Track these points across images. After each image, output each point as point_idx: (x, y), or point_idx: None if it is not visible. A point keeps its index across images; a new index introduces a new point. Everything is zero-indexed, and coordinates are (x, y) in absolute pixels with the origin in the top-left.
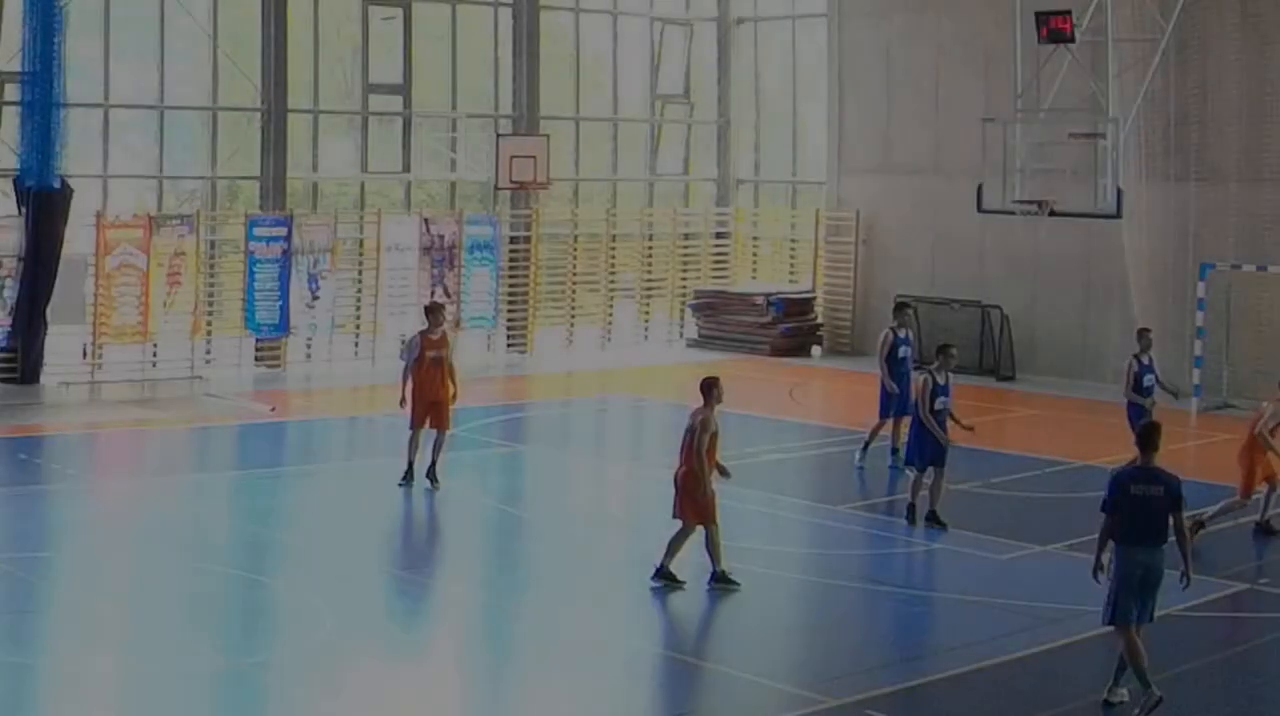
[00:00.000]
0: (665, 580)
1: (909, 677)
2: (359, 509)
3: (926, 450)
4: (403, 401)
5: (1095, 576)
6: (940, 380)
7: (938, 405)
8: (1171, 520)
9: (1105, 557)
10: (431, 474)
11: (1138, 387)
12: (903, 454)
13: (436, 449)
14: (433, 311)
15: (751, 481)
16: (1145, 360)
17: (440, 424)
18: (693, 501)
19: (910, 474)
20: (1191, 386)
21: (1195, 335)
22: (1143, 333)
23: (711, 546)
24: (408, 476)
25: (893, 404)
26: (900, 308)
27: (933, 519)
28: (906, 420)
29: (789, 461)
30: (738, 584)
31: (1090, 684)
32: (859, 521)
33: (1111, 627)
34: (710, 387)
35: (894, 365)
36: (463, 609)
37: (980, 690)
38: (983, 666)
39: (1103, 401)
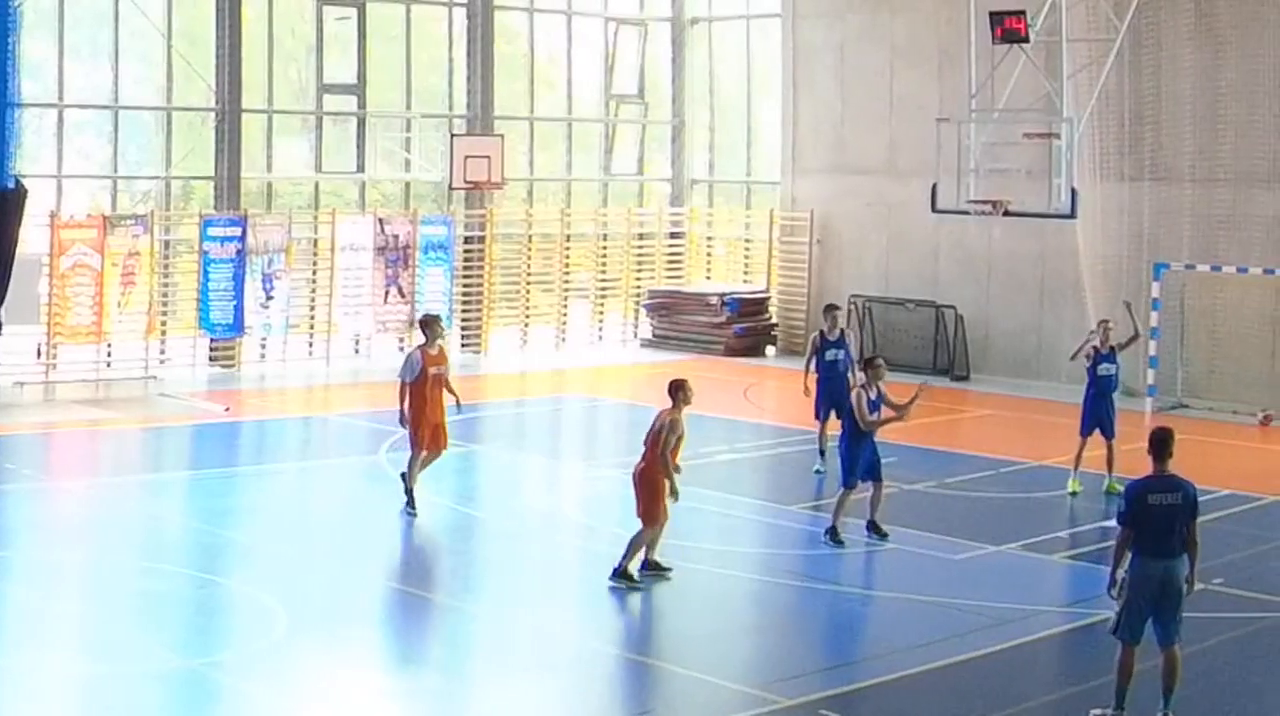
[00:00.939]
0: (624, 580)
1: (863, 678)
2: (313, 509)
3: (860, 467)
4: (403, 419)
5: (1110, 592)
6: (871, 394)
7: (872, 417)
8: (1186, 528)
9: (1120, 573)
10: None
11: (1093, 375)
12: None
13: (423, 466)
14: (430, 325)
15: (705, 481)
16: (1105, 351)
17: (440, 444)
18: (646, 500)
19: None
20: (1146, 386)
21: (1149, 335)
22: (1101, 323)
23: (649, 543)
24: (411, 503)
25: (824, 405)
26: (828, 309)
27: (873, 528)
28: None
29: (743, 461)
30: (668, 569)
31: (1044, 684)
32: (813, 521)
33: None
34: (678, 389)
35: (823, 368)
36: (417, 609)
37: (934, 690)
38: (937, 666)
39: (1057, 401)
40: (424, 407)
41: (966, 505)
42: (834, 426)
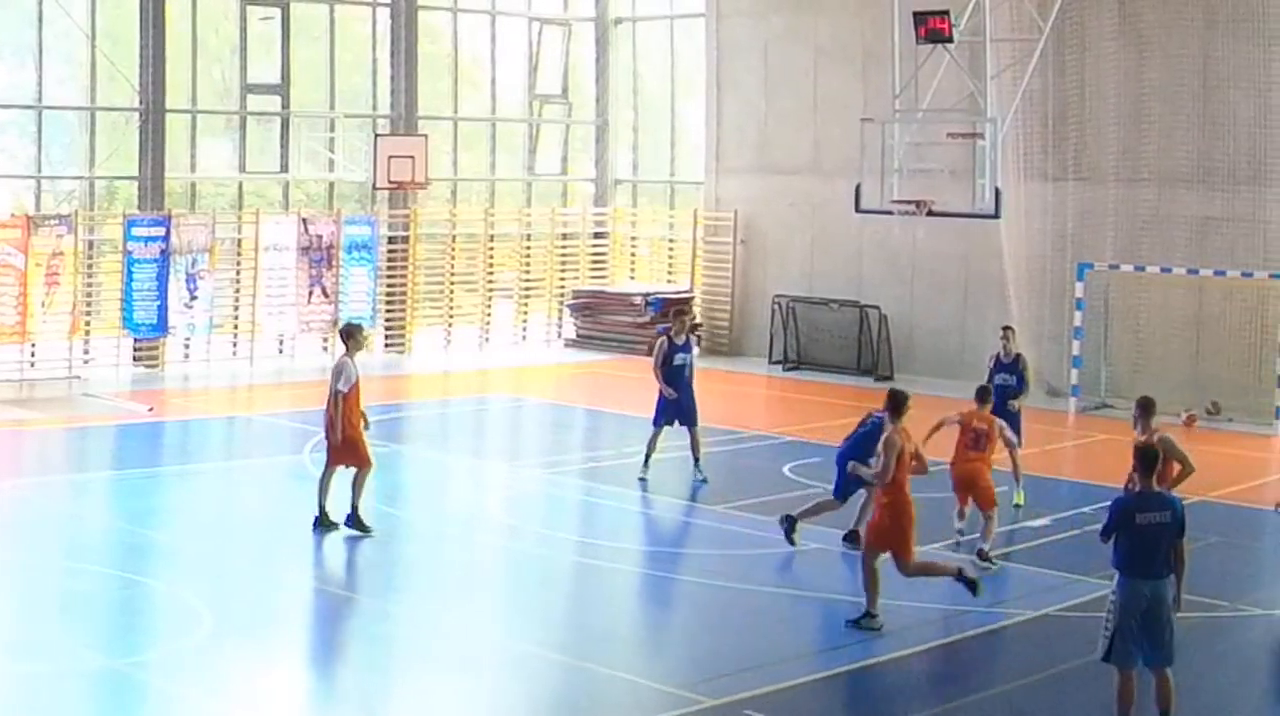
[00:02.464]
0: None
1: (788, 677)
2: (237, 509)
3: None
4: (339, 432)
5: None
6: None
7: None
8: (1174, 546)
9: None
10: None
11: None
12: (701, 464)
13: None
14: (356, 333)
15: (631, 481)
16: (1006, 360)
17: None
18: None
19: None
20: (1069, 386)
21: (1073, 335)
22: (1003, 330)
23: None
24: (360, 524)
25: (669, 412)
26: (678, 314)
27: (851, 539)
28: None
29: (667, 461)
30: None
31: (969, 684)
32: (738, 522)
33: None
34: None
35: (670, 373)
36: (341, 609)
37: (858, 690)
38: (861, 666)
39: None
40: (357, 421)
41: None
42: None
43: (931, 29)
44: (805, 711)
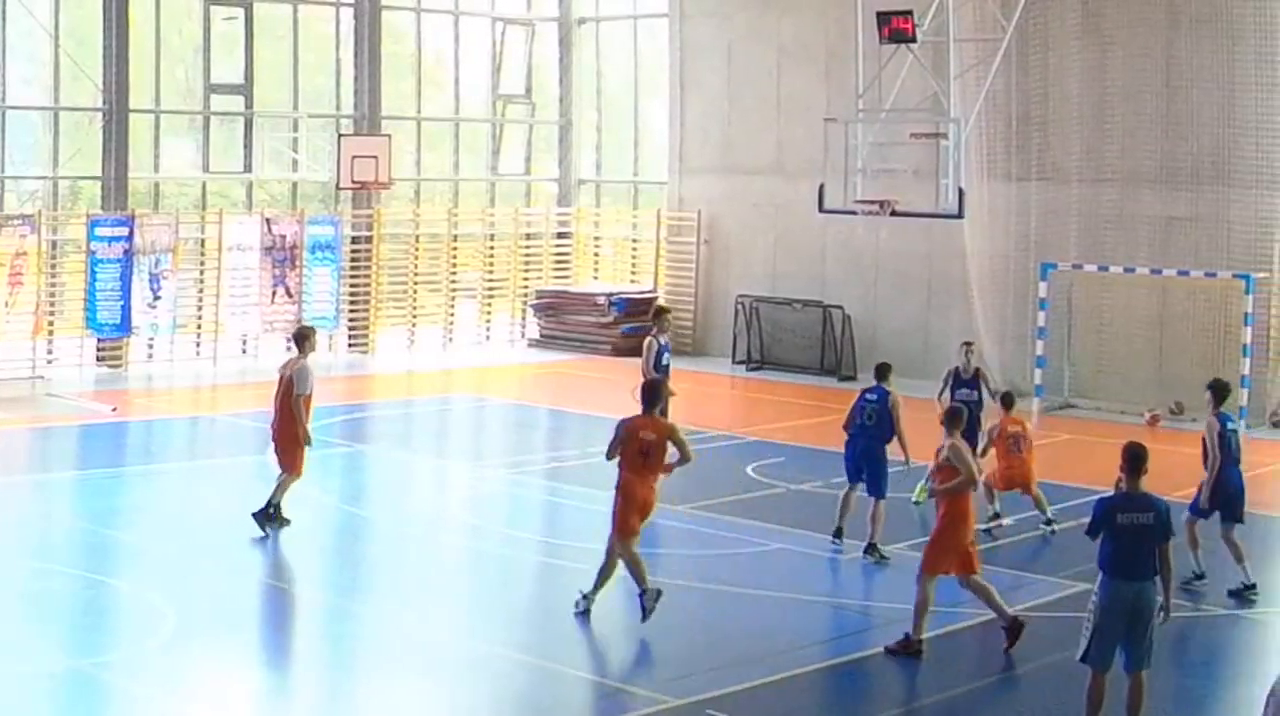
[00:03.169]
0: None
1: (750, 678)
2: (201, 509)
3: (864, 469)
4: (307, 437)
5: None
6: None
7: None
8: (1158, 549)
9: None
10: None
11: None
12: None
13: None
14: (310, 336)
15: (594, 482)
16: (966, 376)
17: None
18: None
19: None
20: (1033, 387)
21: (1037, 335)
22: (964, 346)
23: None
24: (278, 517)
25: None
26: (659, 313)
27: (837, 535)
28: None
29: None
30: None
31: (931, 684)
32: (700, 522)
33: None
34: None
35: (660, 373)
36: (304, 609)
37: (821, 690)
38: (824, 666)
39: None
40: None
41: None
42: None
43: (895, 29)
44: (768, 712)
